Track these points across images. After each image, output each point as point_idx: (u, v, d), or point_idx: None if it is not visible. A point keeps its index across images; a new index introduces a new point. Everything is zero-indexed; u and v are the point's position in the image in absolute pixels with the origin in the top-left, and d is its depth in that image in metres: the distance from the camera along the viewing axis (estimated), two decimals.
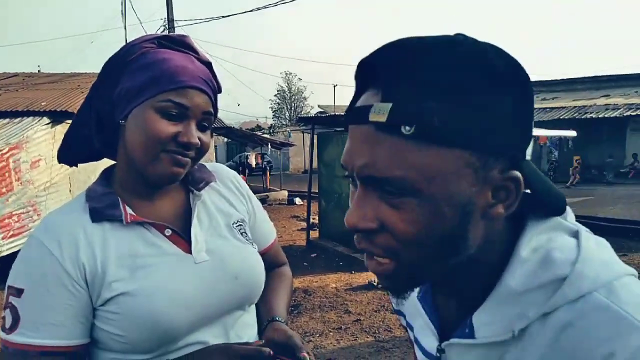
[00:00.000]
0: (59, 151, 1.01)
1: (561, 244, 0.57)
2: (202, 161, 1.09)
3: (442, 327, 0.67)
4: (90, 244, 0.90)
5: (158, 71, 0.89)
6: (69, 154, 1.01)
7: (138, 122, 0.89)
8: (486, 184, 0.54)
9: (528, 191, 0.57)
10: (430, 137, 0.50)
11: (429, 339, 0.69)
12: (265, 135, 21.58)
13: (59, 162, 1.03)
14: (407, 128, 0.50)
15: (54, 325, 0.85)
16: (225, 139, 28.79)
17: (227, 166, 1.21)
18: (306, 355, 0.91)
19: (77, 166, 1.05)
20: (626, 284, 0.53)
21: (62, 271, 0.86)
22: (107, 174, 1.01)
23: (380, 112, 0.51)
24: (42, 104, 8.01)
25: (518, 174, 0.54)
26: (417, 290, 0.72)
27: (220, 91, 0.99)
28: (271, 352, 0.89)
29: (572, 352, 0.51)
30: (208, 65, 0.97)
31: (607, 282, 0.53)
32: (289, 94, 48.97)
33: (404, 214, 0.53)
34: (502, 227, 0.59)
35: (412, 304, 0.74)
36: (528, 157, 0.57)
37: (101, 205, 0.93)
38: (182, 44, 0.95)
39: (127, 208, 0.94)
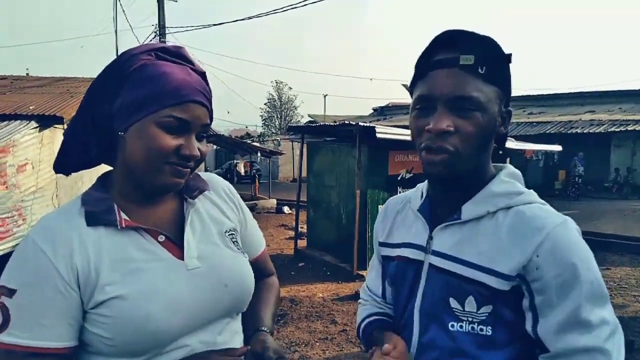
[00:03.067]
0: (55, 161, 1.02)
1: (518, 181, 1.02)
2: None
3: (431, 227, 1.03)
4: (85, 247, 0.91)
5: (159, 86, 0.91)
6: (66, 163, 1.02)
7: (141, 136, 0.91)
8: (500, 112, 0.96)
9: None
10: (490, 77, 0.92)
11: (421, 235, 1.05)
12: (254, 144, 21.53)
13: (56, 172, 1.04)
14: (481, 69, 0.91)
15: (43, 326, 0.86)
16: (215, 147, 28.71)
17: (216, 174, 1.24)
18: None
19: (71, 174, 1.06)
20: (546, 205, 0.98)
21: (55, 273, 0.87)
22: (103, 180, 1.02)
23: (468, 60, 0.91)
24: (30, 107, 7.94)
25: (511, 109, 1.00)
26: (417, 205, 1.09)
27: (211, 97, 1.01)
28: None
29: (528, 222, 0.92)
30: (202, 75, 1.00)
31: (540, 202, 0.98)
32: (279, 103, 48.97)
33: (472, 121, 0.91)
34: (490, 157, 1.01)
35: (398, 221, 1.14)
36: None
37: (97, 210, 0.94)
38: (179, 56, 0.97)
39: (122, 214, 0.95)
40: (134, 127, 0.92)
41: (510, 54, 0.95)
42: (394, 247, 1.12)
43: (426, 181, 1.11)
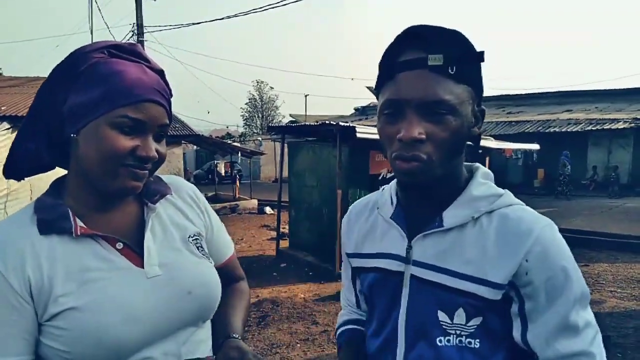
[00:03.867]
0: (4, 167, 0.96)
1: (491, 181, 0.98)
2: (166, 169, 1.06)
3: (409, 236, 0.97)
4: (37, 257, 0.86)
5: (112, 85, 0.86)
6: (16, 168, 0.97)
7: (94, 138, 0.86)
8: (473, 111, 0.91)
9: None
10: (461, 76, 0.86)
11: (398, 245, 0.98)
12: (235, 144, 21.40)
13: (6, 177, 0.98)
14: (452, 68, 0.84)
15: None
16: (195, 147, 28.46)
17: (196, 174, 1.19)
18: None
19: (24, 180, 1.00)
20: (526, 206, 0.95)
21: (5, 284, 0.83)
22: (57, 185, 0.97)
23: (436, 60, 0.83)
24: (2, 108, 7.74)
25: (483, 108, 0.94)
26: (389, 213, 1.02)
27: (172, 96, 0.97)
28: None
29: (516, 227, 0.88)
30: (160, 73, 0.95)
31: (519, 203, 0.94)
32: (260, 103, 48.83)
33: (444, 126, 0.85)
34: (464, 162, 0.97)
35: (369, 230, 1.07)
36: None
37: (50, 217, 0.90)
38: (133, 53, 0.93)
39: (78, 220, 0.90)
40: (87, 129, 0.87)
41: (483, 52, 0.87)
42: (368, 257, 1.05)
43: (392, 185, 1.06)
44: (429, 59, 0.83)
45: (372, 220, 1.07)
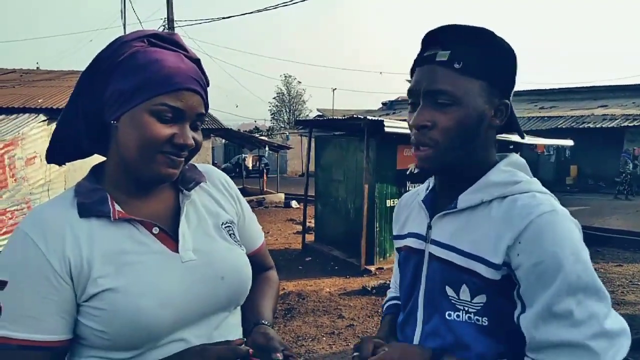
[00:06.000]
0: (47, 151, 1.00)
1: (521, 170, 1.02)
2: (196, 162, 1.08)
3: (432, 217, 1.05)
4: (77, 239, 0.88)
5: (151, 73, 0.88)
6: (57, 153, 1.00)
7: (133, 125, 0.88)
8: (491, 105, 0.97)
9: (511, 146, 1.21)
10: (467, 71, 0.93)
11: (421, 225, 1.08)
12: (263, 138, 21.51)
13: (48, 162, 1.02)
14: (457, 64, 0.93)
15: (35, 319, 0.84)
16: (223, 141, 28.75)
17: (224, 168, 1.21)
18: (279, 355, 0.91)
19: (65, 165, 1.04)
20: (543, 194, 0.96)
21: (46, 265, 0.85)
22: (96, 170, 1.00)
23: (442, 56, 0.94)
24: (39, 101, 7.98)
25: (507, 102, 0.99)
26: (422, 197, 1.11)
27: (208, 85, 0.99)
28: (250, 351, 0.89)
29: (517, 210, 0.91)
30: (197, 62, 0.97)
31: (537, 190, 0.96)
32: (288, 97, 48.97)
33: (449, 115, 0.94)
34: (491, 148, 1.02)
35: (409, 214, 1.16)
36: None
37: (89, 201, 0.92)
38: (172, 42, 0.94)
39: (116, 205, 0.93)
40: (126, 116, 0.89)
41: (503, 46, 0.96)
42: (402, 238, 1.16)
43: None
44: (437, 55, 0.95)
45: (412, 205, 1.17)
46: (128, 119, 0.89)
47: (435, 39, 0.97)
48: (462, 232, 0.98)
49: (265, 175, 19.50)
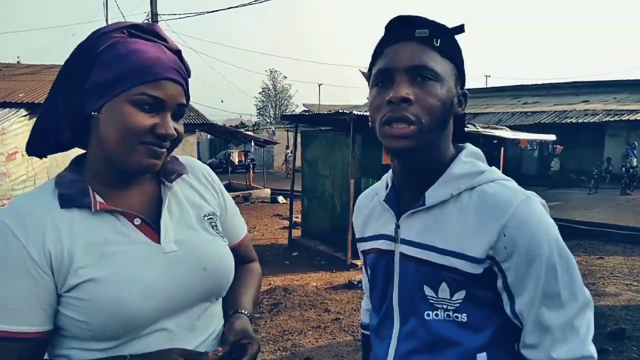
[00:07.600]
0: (27, 144, 0.99)
1: (479, 160, 1.01)
2: (177, 154, 1.08)
3: (398, 216, 1.02)
4: (58, 229, 0.88)
5: (131, 64, 0.88)
6: (38, 146, 0.99)
7: (114, 115, 0.88)
8: (456, 91, 0.97)
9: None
10: (445, 51, 0.93)
11: (388, 226, 1.04)
12: (249, 133, 21.41)
13: (29, 154, 1.01)
14: (437, 41, 0.92)
15: (13, 310, 0.84)
16: (209, 136, 28.56)
17: (210, 163, 1.21)
18: (219, 350, 0.94)
19: (46, 157, 1.03)
20: (509, 182, 0.97)
21: (26, 255, 0.84)
22: (78, 162, 0.99)
23: (423, 32, 0.92)
24: (20, 95, 7.84)
25: (466, 91, 1.01)
26: (383, 196, 1.08)
27: (190, 76, 0.99)
28: (220, 351, 0.93)
29: (493, 202, 0.91)
30: (177, 53, 0.97)
31: (502, 178, 0.96)
32: (274, 92, 48.83)
33: (430, 92, 0.91)
34: (450, 136, 1.00)
35: (369, 215, 1.13)
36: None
37: (71, 192, 0.92)
38: (152, 33, 0.94)
39: (97, 196, 0.93)
40: (107, 107, 0.89)
41: (462, 25, 0.96)
42: (368, 240, 1.12)
43: (390, 171, 1.10)
44: (416, 32, 0.92)
45: (372, 205, 1.14)
46: (108, 110, 0.88)
47: (407, 21, 0.94)
48: (434, 229, 0.95)
49: (251, 170, 19.44)
